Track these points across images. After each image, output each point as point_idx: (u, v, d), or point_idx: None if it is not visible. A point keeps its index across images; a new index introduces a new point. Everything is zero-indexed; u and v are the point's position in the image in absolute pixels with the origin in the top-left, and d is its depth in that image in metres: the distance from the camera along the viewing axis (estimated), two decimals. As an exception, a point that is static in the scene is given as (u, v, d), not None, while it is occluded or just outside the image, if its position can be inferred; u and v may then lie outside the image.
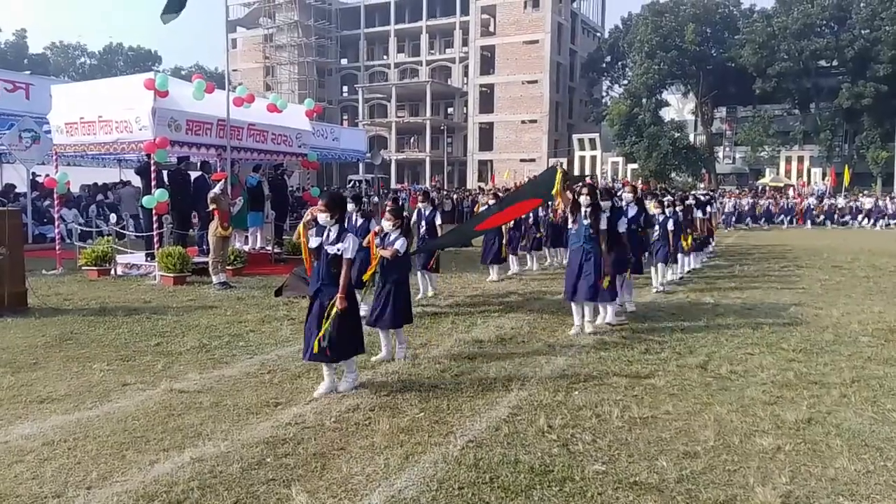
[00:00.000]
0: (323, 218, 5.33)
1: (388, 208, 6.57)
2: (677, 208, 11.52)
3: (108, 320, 8.06)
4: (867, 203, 32.31)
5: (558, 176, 7.25)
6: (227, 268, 11.19)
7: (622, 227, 8.00)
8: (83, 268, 11.80)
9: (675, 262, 11.44)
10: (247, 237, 14.23)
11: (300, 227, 5.58)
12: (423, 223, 10.31)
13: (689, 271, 12.64)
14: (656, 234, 10.45)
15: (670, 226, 10.62)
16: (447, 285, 10.88)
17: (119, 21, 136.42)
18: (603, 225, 7.38)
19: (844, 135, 47.02)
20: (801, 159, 45.09)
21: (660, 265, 10.64)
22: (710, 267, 14.35)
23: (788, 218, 31.69)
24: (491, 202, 11.69)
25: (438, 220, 10.37)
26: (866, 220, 31.01)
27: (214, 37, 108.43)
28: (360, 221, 8.38)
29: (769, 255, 17.03)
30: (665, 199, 11.81)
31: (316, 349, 5.19)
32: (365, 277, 6.63)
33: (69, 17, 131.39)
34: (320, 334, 5.16)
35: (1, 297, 8.40)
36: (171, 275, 10.72)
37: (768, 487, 3.71)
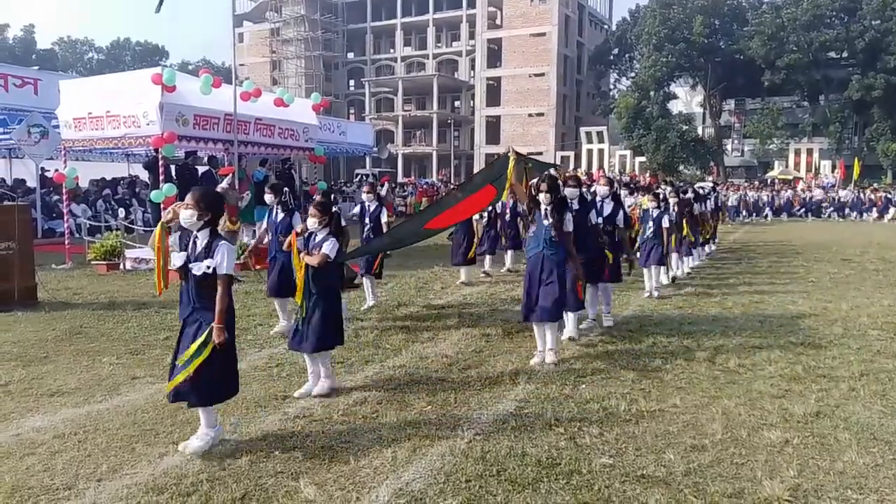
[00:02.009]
0: (187, 217, 4.05)
1: (314, 202, 5.44)
2: (672, 203, 10.63)
3: (118, 314, 8.11)
4: (845, 195, 32.51)
5: (510, 164, 6.02)
6: (235, 262, 11.23)
7: (594, 218, 7.10)
8: (92, 262, 11.88)
9: (668, 262, 10.22)
10: (254, 231, 14.28)
11: (157, 230, 4.31)
12: (368, 220, 8.74)
13: (690, 269, 12.02)
14: (649, 231, 9.47)
15: (665, 222, 9.50)
16: (453, 278, 10.87)
17: (126, 16, 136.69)
18: (569, 227, 6.11)
19: (854, 127, 46.69)
20: (810, 152, 44.79)
21: (653, 267, 9.54)
22: (717, 261, 14.29)
23: (803, 210, 31.63)
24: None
25: (385, 218, 8.75)
26: (857, 213, 31.03)
27: (221, 31, 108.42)
28: (280, 216, 7.23)
29: (777, 249, 16.95)
30: (660, 192, 10.86)
31: (170, 388, 4.08)
32: (297, 299, 5.25)
33: (77, 12, 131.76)
34: (181, 375, 4.00)
35: (11, 292, 8.46)
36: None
37: (776, 481, 3.71)
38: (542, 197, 6.10)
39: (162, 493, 3.58)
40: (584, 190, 7.28)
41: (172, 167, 12.21)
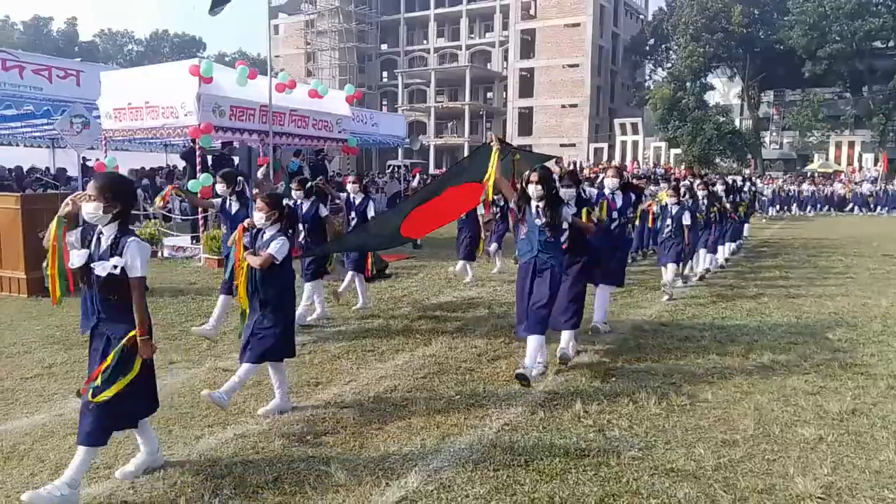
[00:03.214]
0: (91, 210, 3.36)
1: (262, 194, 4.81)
2: (700, 196, 10.06)
3: (155, 301, 8.30)
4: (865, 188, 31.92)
5: (493, 154, 5.25)
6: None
7: (595, 214, 6.23)
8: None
9: (684, 262, 9.47)
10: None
11: (52, 224, 3.56)
12: (354, 214, 8.02)
13: (719, 266, 11.41)
14: (668, 228, 8.82)
15: (686, 219, 8.77)
16: (483, 269, 10.87)
17: (165, 7, 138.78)
18: (568, 219, 5.33)
19: (899, 119, 45.30)
20: (851, 144, 43.54)
21: (671, 266, 8.81)
22: (752, 256, 14.04)
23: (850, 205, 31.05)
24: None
25: (372, 212, 7.91)
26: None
27: (257, 23, 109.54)
28: (235, 208, 6.80)
29: (815, 244, 16.57)
30: (682, 184, 10.20)
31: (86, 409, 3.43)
32: (241, 302, 4.64)
33: (117, 4, 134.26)
34: (95, 396, 3.38)
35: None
36: (216, 257, 10.97)
37: (809, 478, 3.66)
38: (531, 190, 5.23)
39: (197, 474, 3.68)
40: (584, 187, 6.39)
41: (209, 157, 12.40)
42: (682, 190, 9.35)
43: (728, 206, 11.76)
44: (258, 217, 4.59)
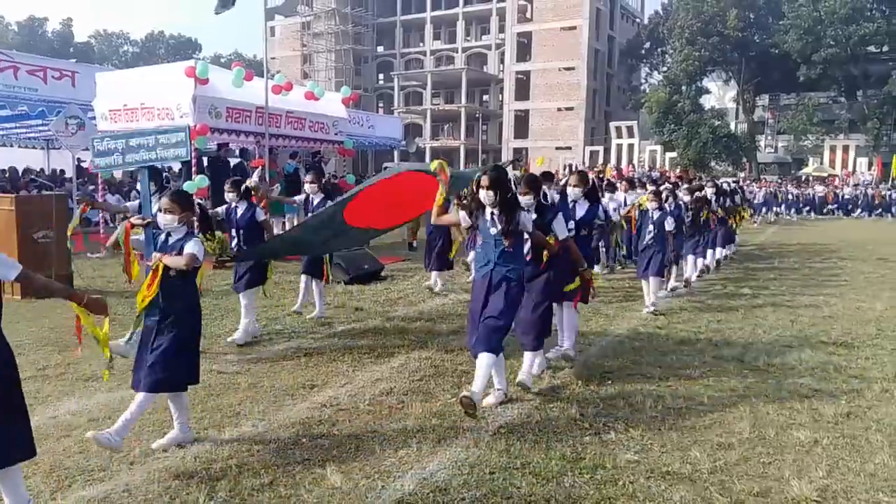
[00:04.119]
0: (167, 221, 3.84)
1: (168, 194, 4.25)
2: (683, 201, 9.58)
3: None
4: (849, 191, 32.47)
5: (440, 190, 4.81)
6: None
7: (560, 231, 5.22)
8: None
9: (669, 272, 9.04)
10: (284, 223, 14.44)
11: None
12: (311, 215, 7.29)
13: (705, 267, 10.78)
14: (650, 236, 8.16)
15: (668, 225, 8.22)
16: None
17: (160, 9, 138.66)
18: (527, 226, 4.70)
19: (893, 123, 45.41)
20: (846, 148, 43.78)
21: (653, 280, 8.16)
22: (747, 260, 14.08)
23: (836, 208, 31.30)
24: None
25: None
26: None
27: (253, 25, 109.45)
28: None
29: (809, 248, 16.64)
30: (663, 188, 9.53)
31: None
32: (139, 304, 4.00)
33: (112, 5, 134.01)
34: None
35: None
36: (211, 259, 10.94)
37: (804, 481, 3.67)
38: (483, 196, 4.58)
39: (192, 477, 3.66)
40: (547, 192, 5.65)
41: (205, 159, 12.39)
42: (665, 194, 8.80)
43: (718, 210, 11.29)
44: (166, 219, 4.04)
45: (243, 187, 6.76)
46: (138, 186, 6.80)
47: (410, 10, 64.67)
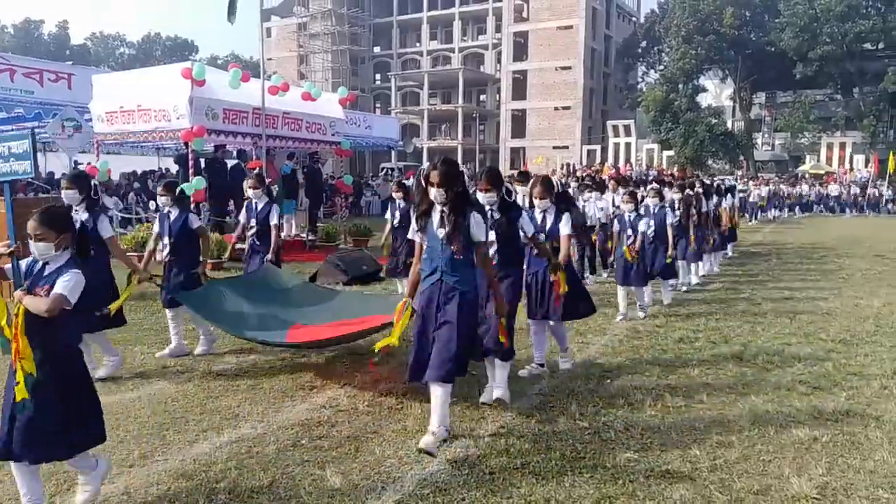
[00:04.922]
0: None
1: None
2: (670, 202, 9.01)
3: (148, 304, 8.25)
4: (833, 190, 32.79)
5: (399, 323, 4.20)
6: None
7: (528, 228, 4.85)
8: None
9: (650, 280, 8.11)
10: (282, 224, 14.42)
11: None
12: (255, 223, 6.82)
13: (701, 277, 10.40)
14: (627, 242, 7.63)
15: (643, 226, 7.69)
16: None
17: (157, 10, 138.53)
18: (478, 234, 3.98)
19: (890, 120, 45.52)
20: (842, 146, 43.86)
21: (634, 288, 7.73)
22: (745, 258, 14.09)
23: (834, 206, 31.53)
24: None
25: (275, 219, 6.70)
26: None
27: (249, 26, 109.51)
28: (84, 217, 5.34)
29: (807, 246, 16.66)
30: (642, 191, 8.80)
31: None
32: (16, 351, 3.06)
33: (108, 7, 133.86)
34: None
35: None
36: (209, 261, 10.93)
37: (804, 478, 3.67)
38: (433, 194, 3.97)
39: (191, 479, 3.65)
40: (511, 189, 4.88)
41: (202, 161, 12.40)
42: (641, 195, 8.24)
43: (705, 210, 10.38)
44: (39, 248, 3.14)
45: (178, 189, 6.14)
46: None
47: (407, 10, 64.64)
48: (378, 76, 67.86)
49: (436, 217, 4.03)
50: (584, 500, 3.46)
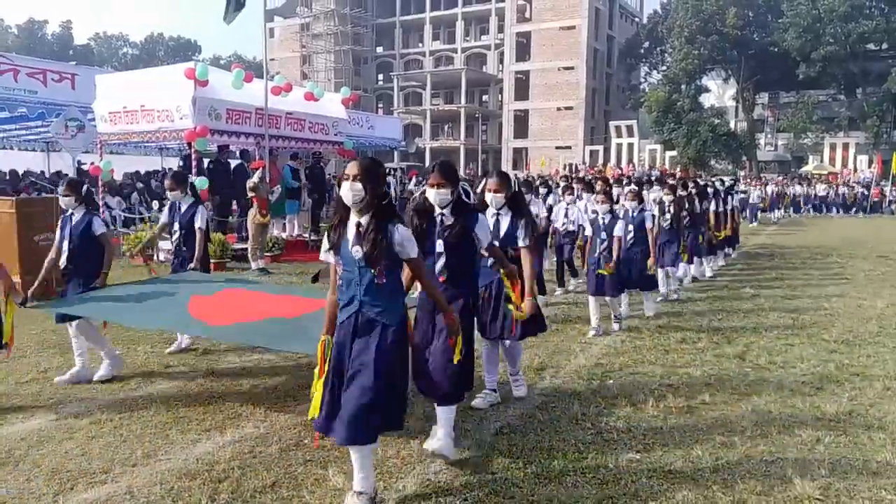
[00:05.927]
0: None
1: None
2: (668, 201, 8.63)
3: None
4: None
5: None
6: (266, 254, 11.40)
7: (484, 237, 3.95)
8: (126, 253, 12.11)
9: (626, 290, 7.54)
10: (284, 224, 14.44)
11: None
12: (178, 225, 6.25)
13: (689, 281, 10.06)
14: (601, 246, 6.91)
15: (618, 230, 6.93)
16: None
17: (160, 11, 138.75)
18: (409, 251, 3.24)
19: (893, 121, 45.42)
20: (846, 146, 43.83)
21: (621, 297, 7.29)
22: (748, 259, 14.07)
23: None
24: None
25: (200, 222, 6.14)
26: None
27: (252, 26, 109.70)
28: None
29: (810, 247, 16.63)
30: (624, 190, 8.16)
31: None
32: None
33: (112, 7, 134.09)
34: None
35: (49, 282, 8.66)
36: (212, 261, 10.95)
37: (807, 479, 3.66)
38: (346, 189, 3.16)
39: (194, 478, 3.66)
40: (465, 187, 3.94)
41: (205, 161, 12.41)
42: (617, 195, 7.53)
43: (699, 211, 10.06)
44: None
45: (84, 189, 5.52)
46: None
47: (409, 10, 64.69)
48: (381, 76, 67.92)
49: (351, 232, 3.22)
50: (586, 500, 3.46)
